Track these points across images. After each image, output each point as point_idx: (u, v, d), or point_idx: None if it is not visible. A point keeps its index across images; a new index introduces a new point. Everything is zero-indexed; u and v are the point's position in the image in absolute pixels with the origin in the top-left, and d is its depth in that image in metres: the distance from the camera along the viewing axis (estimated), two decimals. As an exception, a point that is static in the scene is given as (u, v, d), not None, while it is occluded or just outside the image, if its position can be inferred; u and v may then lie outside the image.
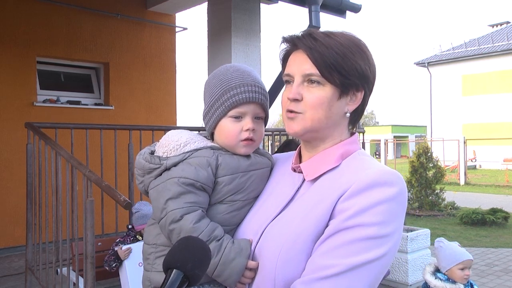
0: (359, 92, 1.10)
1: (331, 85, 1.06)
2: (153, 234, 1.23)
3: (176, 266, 0.84)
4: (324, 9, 5.09)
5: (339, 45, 1.06)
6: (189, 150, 1.20)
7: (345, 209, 0.99)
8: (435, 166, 10.27)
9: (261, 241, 1.09)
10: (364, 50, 1.10)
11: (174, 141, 1.22)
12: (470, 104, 26.58)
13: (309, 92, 1.07)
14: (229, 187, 1.19)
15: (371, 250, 0.95)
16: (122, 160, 4.28)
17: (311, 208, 1.04)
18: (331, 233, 0.98)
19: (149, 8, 6.76)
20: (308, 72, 1.06)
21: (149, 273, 1.22)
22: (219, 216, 1.18)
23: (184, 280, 0.84)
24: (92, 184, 3.00)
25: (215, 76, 1.25)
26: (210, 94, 1.24)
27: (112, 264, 3.27)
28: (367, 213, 0.97)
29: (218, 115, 1.22)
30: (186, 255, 0.86)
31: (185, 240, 0.90)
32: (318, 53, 1.05)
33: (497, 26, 31.27)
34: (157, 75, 6.93)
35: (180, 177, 1.15)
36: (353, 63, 1.06)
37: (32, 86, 5.82)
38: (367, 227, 0.96)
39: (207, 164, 1.17)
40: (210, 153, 1.19)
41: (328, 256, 0.96)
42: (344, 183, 1.02)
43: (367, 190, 0.99)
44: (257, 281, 1.08)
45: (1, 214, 5.42)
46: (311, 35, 1.08)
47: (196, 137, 1.25)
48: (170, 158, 1.20)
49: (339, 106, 1.08)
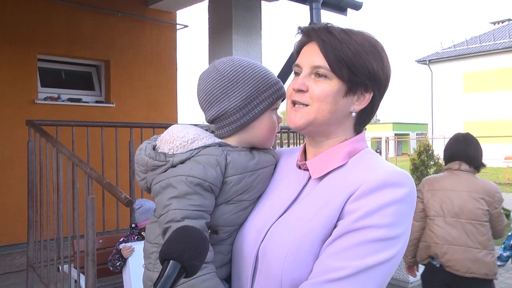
0: (367, 93, 1.06)
1: (339, 80, 1.03)
2: (156, 233, 1.19)
3: (172, 257, 0.82)
4: (325, 6, 5.08)
5: (353, 42, 1.04)
6: (197, 147, 1.14)
7: (354, 210, 0.96)
8: (436, 164, 10.27)
9: (266, 240, 1.06)
10: (380, 51, 1.07)
11: (180, 137, 1.16)
12: (471, 102, 26.54)
13: (315, 84, 1.04)
14: (237, 187, 1.15)
15: (380, 252, 0.93)
16: (123, 158, 4.29)
17: (319, 208, 1.01)
18: (340, 234, 0.96)
19: (150, 5, 6.75)
20: (317, 64, 1.04)
21: (151, 273, 1.18)
22: (225, 217, 1.14)
23: (181, 271, 0.82)
24: (93, 182, 3.00)
25: (249, 67, 1.18)
26: (251, 85, 1.16)
27: (116, 263, 3.27)
28: (377, 215, 0.95)
29: (265, 106, 1.18)
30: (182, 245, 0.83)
31: (181, 230, 0.88)
32: (330, 46, 1.03)
33: (498, 24, 31.18)
34: (158, 73, 6.93)
35: (188, 175, 1.10)
36: (365, 61, 1.03)
37: (33, 84, 5.82)
38: (376, 229, 0.94)
39: (216, 163, 1.12)
40: (219, 151, 1.14)
41: (337, 257, 0.94)
42: (353, 183, 0.99)
43: (377, 191, 0.96)
44: (262, 281, 1.05)
45: (3, 211, 5.43)
46: (327, 29, 1.06)
47: (203, 133, 1.19)
48: (176, 155, 1.14)
49: (345, 103, 1.05)
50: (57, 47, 6.01)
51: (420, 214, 3.07)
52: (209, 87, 1.19)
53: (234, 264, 1.16)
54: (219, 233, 1.14)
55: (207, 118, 1.23)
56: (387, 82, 1.09)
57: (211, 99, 1.19)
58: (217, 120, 1.20)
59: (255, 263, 1.08)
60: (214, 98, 1.18)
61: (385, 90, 1.10)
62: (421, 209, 3.07)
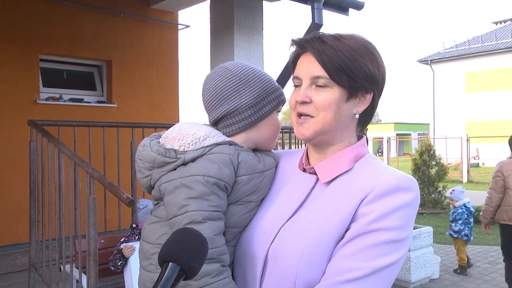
0: (368, 94, 1.10)
1: (339, 87, 1.06)
2: (158, 233, 1.17)
3: (172, 259, 0.81)
4: (327, 6, 5.07)
5: (348, 48, 1.06)
6: (209, 145, 1.14)
7: (367, 213, 1.00)
8: (437, 164, 10.25)
9: (276, 242, 1.07)
10: (373, 52, 1.10)
11: (191, 134, 1.15)
12: (473, 102, 26.48)
13: (317, 94, 1.07)
14: (246, 187, 1.15)
15: (391, 254, 0.98)
16: (125, 158, 4.29)
17: (331, 211, 1.04)
18: (353, 236, 0.99)
19: (151, 5, 6.75)
20: (316, 74, 1.07)
21: (152, 274, 1.16)
22: (234, 218, 1.14)
23: (181, 273, 0.81)
24: (95, 182, 3.01)
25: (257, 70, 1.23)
26: (261, 85, 1.20)
27: (117, 263, 3.27)
28: (389, 218, 0.99)
29: (273, 107, 1.22)
30: (181, 247, 0.83)
31: (180, 232, 0.87)
32: (326, 56, 1.06)
33: (500, 23, 31.13)
34: (159, 73, 6.93)
35: (204, 175, 1.09)
36: (362, 65, 1.06)
37: (35, 84, 5.83)
38: (389, 231, 0.98)
39: (229, 162, 1.12)
40: (231, 150, 1.14)
41: (352, 259, 0.97)
42: (365, 187, 1.03)
43: (389, 195, 1.00)
44: (272, 282, 1.06)
45: (5, 211, 5.44)
46: (320, 38, 1.09)
47: (213, 131, 1.19)
48: (188, 152, 1.13)
49: (348, 108, 1.08)
50: (59, 47, 6.01)
51: (501, 188, 4.46)
52: (219, 85, 1.20)
53: (238, 265, 1.16)
54: (226, 234, 1.13)
55: (214, 116, 1.22)
56: (384, 80, 1.13)
57: (221, 96, 1.19)
58: (226, 118, 1.20)
59: (264, 264, 1.09)
60: (226, 95, 1.19)
61: (383, 88, 1.14)
62: (501, 184, 4.46)
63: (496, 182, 4.52)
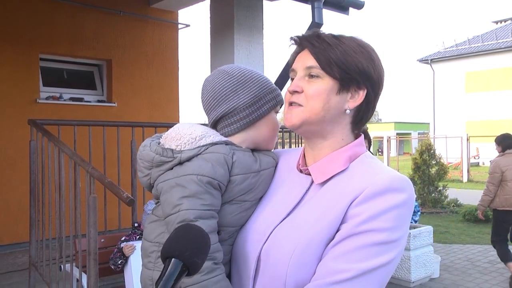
0: (361, 90, 1.09)
1: (330, 78, 1.07)
2: (157, 232, 1.20)
3: (174, 255, 0.82)
4: (327, 5, 5.07)
5: (342, 44, 1.08)
6: (205, 144, 1.16)
7: (357, 214, 0.99)
8: (438, 163, 10.24)
9: (269, 242, 1.08)
10: (370, 51, 1.11)
11: (188, 134, 1.18)
12: (473, 101, 26.48)
13: (309, 84, 1.09)
14: (241, 187, 1.16)
15: (382, 255, 0.97)
16: (125, 157, 4.29)
17: (323, 212, 1.04)
18: (343, 237, 0.99)
19: (151, 5, 6.76)
20: (309, 65, 1.09)
21: (151, 272, 1.19)
22: (229, 217, 1.15)
23: (183, 269, 0.82)
24: (95, 181, 3.01)
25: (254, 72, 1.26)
26: (258, 86, 1.23)
27: (117, 262, 3.27)
28: (379, 219, 0.98)
29: (270, 106, 1.24)
30: (184, 243, 0.84)
31: (182, 228, 0.88)
32: (319, 49, 1.08)
33: (501, 23, 31.11)
34: (159, 72, 6.93)
35: (198, 174, 1.11)
36: (354, 59, 1.07)
37: (35, 83, 5.83)
38: (379, 233, 0.97)
39: (224, 162, 1.14)
40: (226, 150, 1.16)
41: (341, 260, 0.97)
42: (356, 188, 1.02)
43: (379, 195, 1.00)
44: (264, 282, 1.07)
45: (5, 210, 5.45)
46: (317, 35, 1.11)
47: (210, 131, 1.21)
48: (184, 152, 1.15)
49: (338, 100, 1.08)
50: (59, 46, 6.02)
51: (498, 182, 5.23)
52: (218, 86, 1.23)
53: (234, 264, 1.17)
54: (221, 233, 1.15)
55: (213, 117, 1.24)
56: (380, 81, 1.12)
57: (219, 97, 1.22)
58: (225, 118, 1.22)
59: (257, 264, 1.09)
60: (224, 96, 1.22)
61: (379, 89, 1.13)
62: (499, 178, 5.22)
63: (494, 178, 5.29)
